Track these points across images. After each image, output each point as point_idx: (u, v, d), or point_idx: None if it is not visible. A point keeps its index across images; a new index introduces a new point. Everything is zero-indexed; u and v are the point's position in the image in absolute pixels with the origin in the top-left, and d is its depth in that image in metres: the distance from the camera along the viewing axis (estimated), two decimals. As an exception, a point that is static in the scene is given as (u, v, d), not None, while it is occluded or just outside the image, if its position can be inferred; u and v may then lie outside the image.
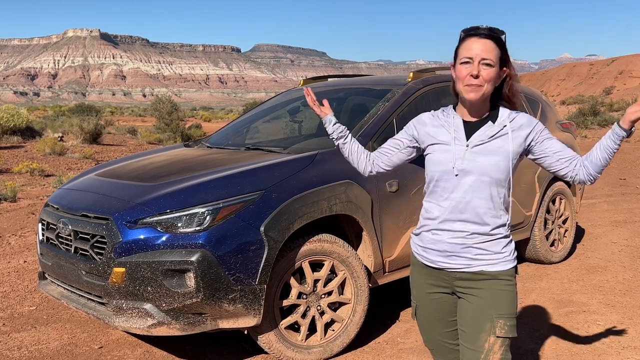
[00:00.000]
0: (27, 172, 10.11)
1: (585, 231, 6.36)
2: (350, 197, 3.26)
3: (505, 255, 1.90)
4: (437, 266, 1.96)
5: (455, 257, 1.91)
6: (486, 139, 1.89)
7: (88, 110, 27.20)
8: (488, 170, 1.87)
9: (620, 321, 3.79)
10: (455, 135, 1.92)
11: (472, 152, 1.89)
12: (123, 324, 2.90)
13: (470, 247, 1.90)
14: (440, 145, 1.94)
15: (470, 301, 1.92)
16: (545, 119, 5.16)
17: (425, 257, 1.99)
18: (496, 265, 1.89)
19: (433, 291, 2.01)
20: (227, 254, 2.82)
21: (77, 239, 3.09)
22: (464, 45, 1.88)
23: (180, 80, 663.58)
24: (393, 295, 4.22)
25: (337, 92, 4.70)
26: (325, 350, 3.23)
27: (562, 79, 78.61)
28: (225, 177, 3.12)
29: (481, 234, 1.89)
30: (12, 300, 4.25)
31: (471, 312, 1.91)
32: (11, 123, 14.70)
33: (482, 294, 1.89)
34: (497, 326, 1.86)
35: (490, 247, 1.90)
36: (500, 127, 1.89)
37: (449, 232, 1.92)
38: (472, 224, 1.89)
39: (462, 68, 1.85)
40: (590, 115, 25.21)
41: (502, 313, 1.87)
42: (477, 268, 1.90)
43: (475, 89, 1.84)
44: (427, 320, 2.07)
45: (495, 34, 1.86)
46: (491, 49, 1.84)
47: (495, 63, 1.84)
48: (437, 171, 1.93)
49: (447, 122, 1.96)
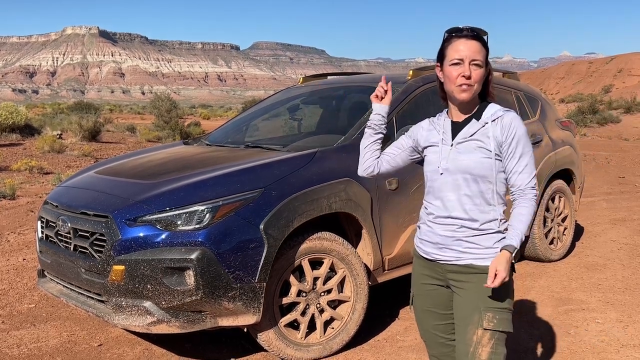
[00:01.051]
0: (26, 170, 10.09)
1: (585, 229, 6.36)
2: (349, 195, 3.25)
3: (497, 251, 1.91)
4: (431, 257, 2.03)
5: (446, 249, 1.97)
6: (467, 137, 1.95)
7: (87, 108, 27.16)
8: (471, 167, 1.91)
9: (619, 319, 3.80)
10: (443, 137, 2.01)
11: (455, 151, 1.95)
12: (122, 322, 2.89)
13: (460, 240, 1.94)
14: (431, 147, 2.04)
15: (460, 294, 1.97)
16: (544, 117, 5.16)
17: (421, 249, 2.07)
18: (486, 260, 1.91)
19: (428, 282, 2.07)
20: (227, 251, 2.82)
21: (77, 237, 3.09)
22: (452, 46, 1.92)
23: (179, 78, 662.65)
24: (392, 293, 4.22)
25: (337, 90, 4.70)
26: (324, 348, 3.23)
27: (561, 77, 78.59)
28: (225, 175, 3.12)
29: (470, 229, 1.93)
30: (11, 298, 4.25)
31: (461, 305, 1.96)
32: (10, 121, 14.67)
33: (471, 287, 1.93)
34: (485, 319, 1.88)
35: (480, 242, 1.93)
36: (482, 125, 1.94)
37: (440, 225, 1.98)
38: (461, 220, 1.94)
39: (453, 69, 1.91)
40: (589, 113, 25.23)
41: (491, 306, 1.89)
42: (467, 261, 1.94)
43: (467, 89, 1.90)
44: (422, 311, 2.12)
45: (479, 34, 1.93)
46: (479, 50, 1.90)
47: (483, 63, 1.91)
48: (428, 171, 2.04)
49: (438, 124, 2.05)
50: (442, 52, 1.96)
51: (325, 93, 4.79)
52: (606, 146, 16.98)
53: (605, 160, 13.38)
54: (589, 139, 19.50)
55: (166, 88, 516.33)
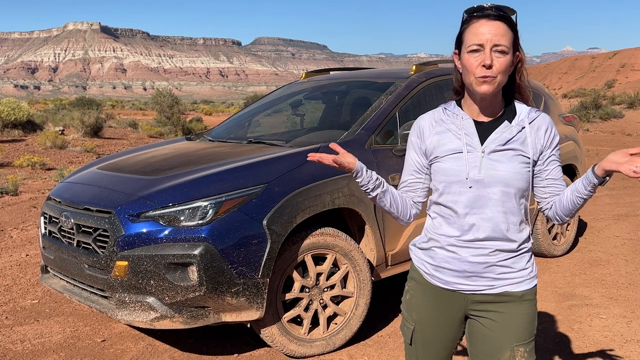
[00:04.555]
0: (28, 166, 10.10)
1: (588, 225, 6.35)
2: (352, 190, 3.24)
3: (530, 272, 1.68)
4: (453, 288, 1.69)
5: (477, 277, 1.65)
6: (504, 143, 1.62)
7: (89, 104, 27.14)
8: (511, 179, 1.60)
9: (622, 314, 3.79)
10: (467, 141, 1.64)
11: (489, 160, 1.61)
12: (126, 317, 2.90)
13: (494, 265, 1.64)
14: (452, 154, 1.65)
15: (487, 326, 1.67)
16: (548, 112, 5.14)
17: (437, 278, 1.70)
18: (521, 285, 1.65)
19: (442, 315, 1.73)
20: (230, 247, 2.82)
21: (80, 233, 3.09)
22: (470, 29, 1.58)
23: (180, 74, 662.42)
24: (395, 288, 4.21)
25: (340, 85, 4.69)
26: (327, 344, 3.23)
27: (564, 72, 78.36)
28: (228, 171, 3.11)
29: (506, 251, 1.64)
30: (14, 293, 4.25)
31: (489, 339, 1.67)
32: (12, 117, 14.68)
33: (502, 318, 1.65)
34: (517, 355, 1.64)
35: (514, 264, 1.65)
36: (519, 129, 1.63)
37: (469, 250, 1.64)
38: (497, 242, 1.63)
39: (471, 57, 1.57)
40: (592, 108, 25.13)
41: (522, 341, 1.64)
42: (501, 289, 1.65)
43: (488, 80, 1.56)
44: (426, 345, 1.77)
45: (505, 13, 1.58)
46: (504, 32, 1.56)
47: (509, 49, 1.56)
48: (445, 182, 1.66)
49: (455, 124, 1.67)
50: (460, 36, 1.62)
51: (328, 88, 4.78)
52: (609, 141, 16.94)
53: (608, 155, 13.34)
54: (592, 134, 19.44)
55: (168, 84, 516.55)
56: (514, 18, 1.60)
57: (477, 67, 1.56)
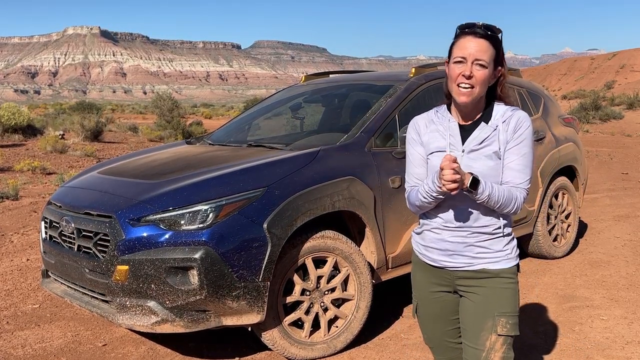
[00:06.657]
0: (28, 170, 10.10)
1: (588, 226, 6.35)
2: (353, 193, 3.25)
3: (507, 253, 1.90)
4: (439, 265, 1.96)
5: (457, 255, 1.91)
6: (479, 143, 1.85)
7: (89, 108, 27.18)
8: (486, 175, 1.81)
9: (623, 316, 3.79)
10: (451, 141, 1.88)
11: (467, 158, 1.85)
12: (127, 322, 2.90)
13: (472, 245, 1.89)
14: (437, 152, 1.89)
15: (471, 299, 1.92)
16: (547, 113, 5.15)
17: (427, 256, 1.99)
18: (498, 263, 1.89)
19: (435, 290, 2.01)
20: (230, 251, 2.82)
21: (80, 237, 3.09)
22: (458, 43, 1.82)
23: (180, 77, 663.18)
24: (396, 291, 4.21)
25: (339, 88, 4.70)
26: (328, 347, 3.23)
27: (563, 73, 78.36)
28: (228, 174, 3.12)
29: (482, 233, 1.89)
30: (15, 298, 4.25)
31: (473, 311, 1.92)
32: (12, 121, 14.68)
33: (484, 292, 1.89)
34: (499, 324, 1.86)
35: (491, 246, 1.89)
36: (493, 129, 1.86)
37: (450, 231, 1.90)
38: (472, 227, 1.88)
39: (455, 67, 1.81)
40: (591, 109, 25.16)
41: (504, 311, 1.87)
42: (479, 266, 1.90)
43: (466, 93, 1.79)
44: (428, 318, 2.07)
45: (492, 32, 1.81)
46: (486, 49, 1.79)
47: (488, 64, 1.79)
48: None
49: (443, 125, 1.92)
50: (451, 48, 1.86)
51: (328, 91, 4.78)
52: (609, 142, 16.95)
53: (608, 156, 13.35)
54: (591, 135, 19.45)
55: (168, 87, 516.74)
56: (500, 37, 1.84)
57: (459, 76, 1.80)
